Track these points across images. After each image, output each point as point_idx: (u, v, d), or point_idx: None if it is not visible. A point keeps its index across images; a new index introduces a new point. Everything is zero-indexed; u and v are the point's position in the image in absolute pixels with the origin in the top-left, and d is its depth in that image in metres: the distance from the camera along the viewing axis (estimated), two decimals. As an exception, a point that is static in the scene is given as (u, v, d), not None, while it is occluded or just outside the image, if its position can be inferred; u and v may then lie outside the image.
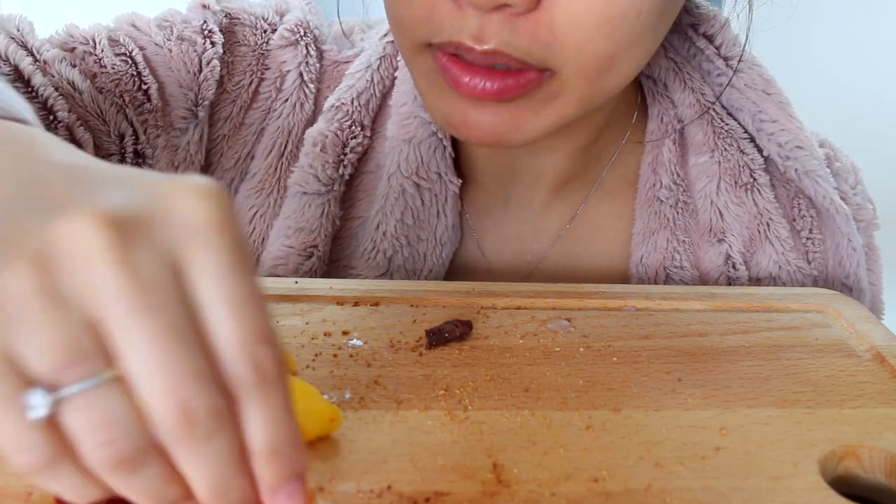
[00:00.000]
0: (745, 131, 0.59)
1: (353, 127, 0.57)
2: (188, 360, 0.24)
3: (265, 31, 0.59)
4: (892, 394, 0.43)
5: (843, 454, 0.38)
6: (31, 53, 0.50)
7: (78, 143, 0.50)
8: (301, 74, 0.58)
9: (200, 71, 0.55)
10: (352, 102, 0.57)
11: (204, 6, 0.57)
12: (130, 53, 0.54)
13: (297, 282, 0.51)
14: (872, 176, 0.68)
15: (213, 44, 0.56)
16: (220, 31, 0.57)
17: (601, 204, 0.60)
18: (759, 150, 0.59)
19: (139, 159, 0.54)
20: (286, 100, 0.58)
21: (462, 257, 0.59)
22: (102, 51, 0.53)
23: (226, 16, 0.58)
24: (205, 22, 0.56)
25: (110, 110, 0.52)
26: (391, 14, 0.45)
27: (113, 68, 0.53)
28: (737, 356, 0.46)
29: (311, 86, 0.58)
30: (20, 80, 0.48)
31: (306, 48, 0.58)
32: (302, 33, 0.59)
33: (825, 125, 0.65)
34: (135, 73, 0.54)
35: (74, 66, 0.51)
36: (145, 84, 0.54)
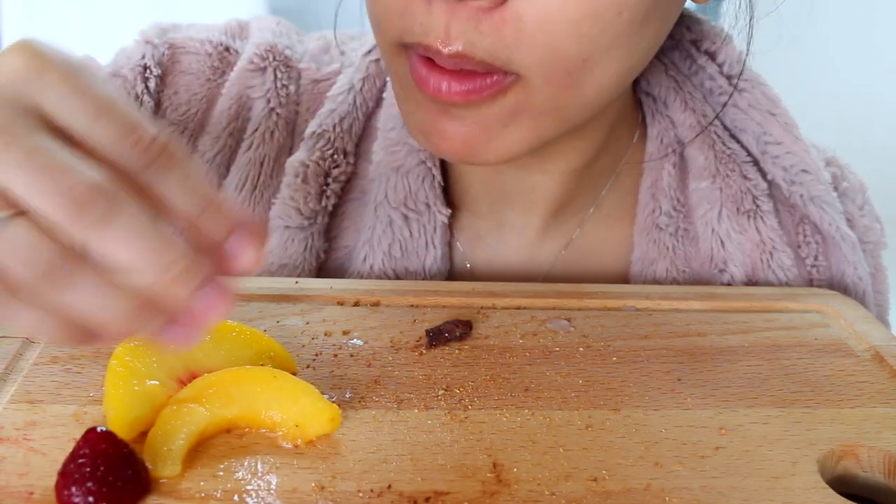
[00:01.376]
0: (749, 154, 0.58)
1: (336, 155, 0.55)
2: (58, 162, 0.27)
3: (210, 55, 0.58)
4: (891, 393, 0.43)
5: (842, 454, 0.39)
6: None
7: None
8: (268, 101, 0.56)
9: None
10: (334, 128, 0.55)
11: (147, 41, 0.57)
12: None
13: (297, 282, 0.51)
14: (881, 177, 0.67)
15: (144, 79, 0.55)
16: (160, 63, 0.56)
17: (598, 229, 0.58)
18: (763, 174, 0.57)
19: None
20: (255, 129, 0.56)
21: None
22: None
23: (168, 47, 0.57)
24: (143, 56, 0.56)
25: None
26: (369, 12, 0.44)
27: None
28: (736, 356, 0.46)
29: (280, 111, 0.57)
30: None
31: (274, 73, 0.57)
32: (270, 59, 0.57)
33: (833, 127, 0.64)
34: None
35: None
36: None
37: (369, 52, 0.58)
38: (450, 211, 0.55)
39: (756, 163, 0.58)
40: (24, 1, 1.61)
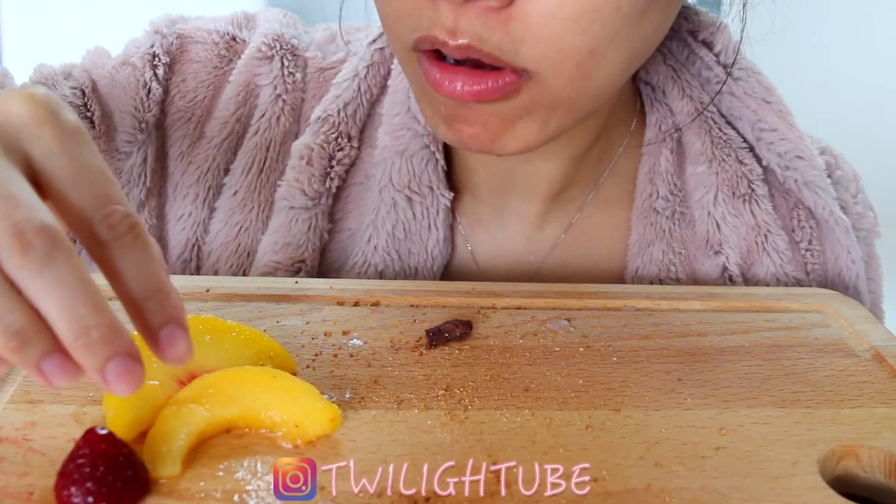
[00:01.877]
0: (744, 140, 0.59)
1: (340, 139, 0.57)
2: (17, 197, 0.28)
3: (217, 44, 0.59)
4: (892, 394, 0.43)
5: (843, 454, 0.38)
6: None
7: None
8: (275, 88, 0.58)
9: (139, 94, 0.56)
10: (338, 113, 0.57)
11: (156, 31, 0.58)
12: (81, 84, 0.55)
13: (297, 282, 0.51)
14: (876, 174, 0.68)
15: (153, 67, 0.56)
16: (169, 52, 0.57)
17: (597, 213, 0.59)
18: (759, 160, 0.58)
19: None
20: (262, 115, 0.58)
21: (456, 268, 0.59)
22: (55, 85, 0.55)
23: (177, 37, 0.58)
24: (152, 45, 0.57)
25: None
26: (380, 15, 0.45)
27: (63, 99, 0.53)
28: (736, 356, 0.46)
29: (286, 97, 0.58)
30: None
31: (281, 61, 0.58)
32: (278, 48, 0.59)
33: (831, 123, 0.64)
34: (81, 104, 0.55)
35: None
36: (89, 111, 0.55)
37: (374, 40, 0.59)
38: (452, 194, 0.57)
39: (751, 149, 0.59)
40: (24, 1, 1.61)
